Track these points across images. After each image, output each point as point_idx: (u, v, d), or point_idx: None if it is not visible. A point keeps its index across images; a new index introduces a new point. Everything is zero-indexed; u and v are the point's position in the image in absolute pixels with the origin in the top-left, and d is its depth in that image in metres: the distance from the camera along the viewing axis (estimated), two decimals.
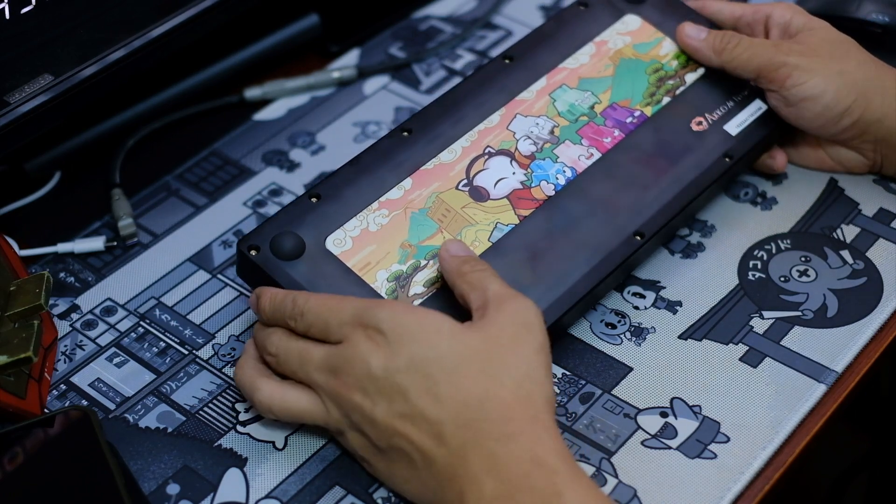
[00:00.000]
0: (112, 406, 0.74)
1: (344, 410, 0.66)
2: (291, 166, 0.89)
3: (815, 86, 0.79)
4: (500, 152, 0.78)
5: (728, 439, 0.71)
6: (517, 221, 0.76)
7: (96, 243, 0.83)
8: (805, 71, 0.80)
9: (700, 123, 0.82)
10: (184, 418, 0.73)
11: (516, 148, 0.79)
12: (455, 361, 0.64)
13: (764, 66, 0.81)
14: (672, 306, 0.78)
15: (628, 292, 0.79)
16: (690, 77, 0.84)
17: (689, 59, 0.85)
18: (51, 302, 0.80)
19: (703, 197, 0.80)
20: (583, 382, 0.74)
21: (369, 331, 0.65)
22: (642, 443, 0.71)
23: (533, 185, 0.77)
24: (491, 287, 0.68)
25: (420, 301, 0.72)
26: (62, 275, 0.82)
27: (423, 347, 0.64)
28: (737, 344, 0.76)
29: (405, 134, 0.78)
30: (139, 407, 0.74)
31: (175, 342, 0.77)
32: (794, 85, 0.80)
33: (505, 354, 0.65)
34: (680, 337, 0.77)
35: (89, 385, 0.75)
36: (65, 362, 0.77)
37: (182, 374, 0.76)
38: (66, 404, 0.74)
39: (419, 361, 0.64)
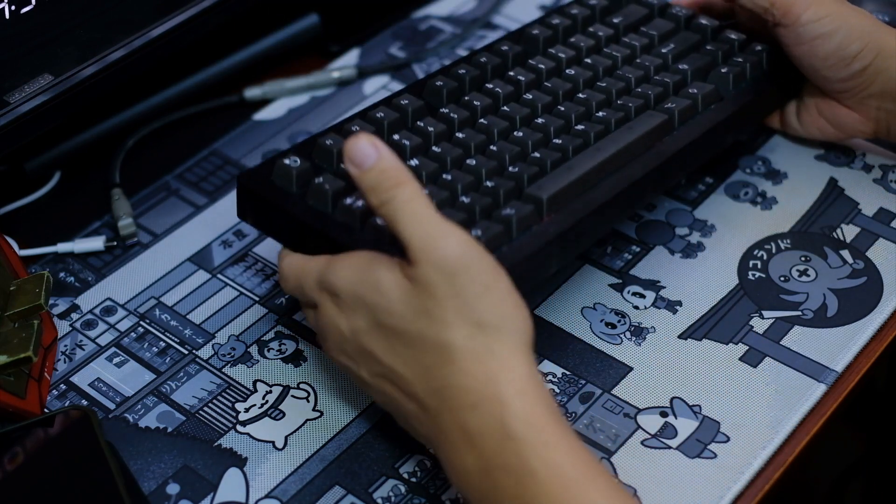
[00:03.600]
0: (112, 406, 0.74)
1: (342, 367, 0.68)
2: None
3: (830, 23, 0.79)
4: None
5: (728, 439, 0.71)
6: None
7: (96, 243, 0.83)
8: (821, 6, 0.79)
9: None
10: (184, 418, 0.73)
11: None
12: (402, 320, 0.62)
13: None
14: (672, 306, 0.78)
15: (628, 292, 0.79)
16: None
17: None
18: (51, 302, 0.80)
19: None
20: (583, 382, 0.74)
21: (332, 295, 0.66)
22: (642, 442, 0.71)
23: None
24: (405, 231, 0.62)
25: None
26: (62, 275, 0.82)
27: (371, 307, 0.63)
28: (737, 344, 0.76)
29: None
30: (139, 407, 0.74)
31: (175, 342, 0.77)
32: (810, 21, 0.79)
33: (445, 306, 0.61)
34: (680, 337, 0.77)
35: (89, 385, 0.75)
36: (65, 362, 0.77)
37: (182, 374, 0.76)
38: (66, 404, 0.74)
39: (374, 321, 0.64)
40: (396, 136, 0.75)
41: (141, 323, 0.79)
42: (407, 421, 0.66)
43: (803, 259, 0.81)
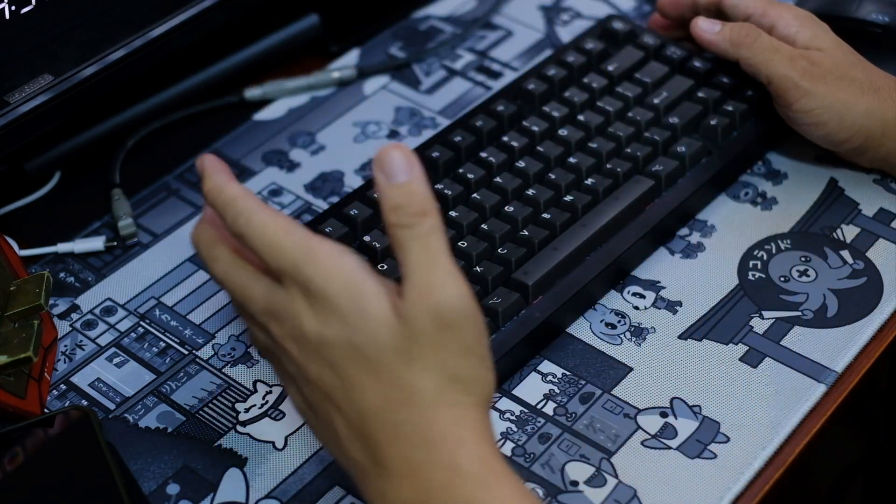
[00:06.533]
0: (112, 406, 0.74)
1: (282, 356, 0.63)
2: (291, 166, 0.89)
3: (821, 115, 0.81)
4: None
5: (728, 439, 0.71)
6: None
7: (96, 243, 0.83)
8: (813, 98, 0.80)
9: None
10: (184, 418, 0.73)
11: None
12: (377, 356, 0.59)
13: (776, 79, 0.81)
14: (672, 306, 0.78)
15: (628, 292, 0.79)
16: None
17: None
18: (51, 302, 0.80)
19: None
20: (583, 382, 0.74)
21: (304, 290, 0.60)
22: (642, 443, 0.71)
23: None
24: (408, 262, 0.59)
25: None
26: (62, 275, 0.82)
27: (347, 330, 0.59)
28: (737, 344, 0.76)
29: None
30: (139, 407, 0.74)
31: (175, 342, 0.77)
32: (801, 110, 0.81)
33: (426, 353, 0.59)
34: (680, 337, 0.77)
35: (89, 385, 0.75)
36: (65, 362, 0.77)
37: (182, 374, 0.76)
38: (66, 404, 0.74)
39: (345, 343, 0.59)
40: None
41: (141, 323, 0.79)
42: (334, 440, 0.61)
43: (803, 259, 0.81)
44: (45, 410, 0.73)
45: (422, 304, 0.58)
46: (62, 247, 0.83)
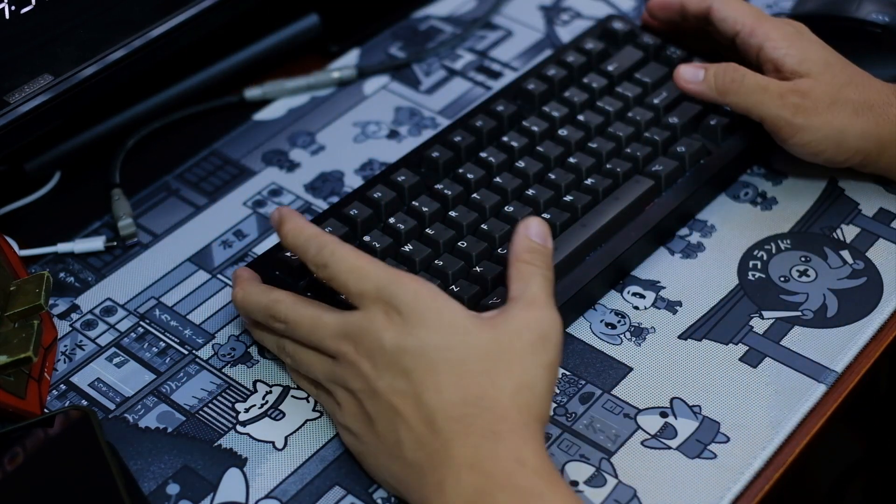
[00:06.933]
0: (112, 406, 0.74)
1: (348, 375, 0.67)
2: (291, 166, 0.89)
3: (817, 145, 0.80)
4: None
5: (728, 439, 0.71)
6: None
7: (96, 243, 0.83)
8: (808, 132, 0.80)
9: None
10: (184, 418, 0.73)
11: None
12: (462, 356, 0.65)
13: (768, 119, 0.81)
14: (672, 306, 0.78)
15: (628, 292, 0.79)
16: None
17: None
18: (51, 302, 0.80)
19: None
20: (583, 382, 0.74)
21: (388, 308, 0.66)
22: (642, 443, 0.71)
23: None
24: (532, 287, 0.68)
25: None
26: (62, 275, 0.82)
27: (434, 336, 0.65)
28: (737, 344, 0.76)
29: None
30: (139, 407, 0.74)
31: (175, 342, 0.77)
32: (797, 144, 0.81)
33: (512, 360, 0.66)
34: (680, 337, 0.77)
35: (89, 385, 0.75)
36: (65, 362, 0.77)
37: (182, 374, 0.76)
38: (66, 404, 0.74)
39: (428, 348, 0.65)
40: (392, 220, 0.78)
41: (141, 323, 0.79)
42: (390, 449, 0.66)
43: (803, 259, 0.81)
44: (45, 410, 0.73)
45: (527, 316, 0.66)
46: (62, 247, 0.83)
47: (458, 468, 0.63)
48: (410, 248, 0.77)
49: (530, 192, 0.80)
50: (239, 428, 0.73)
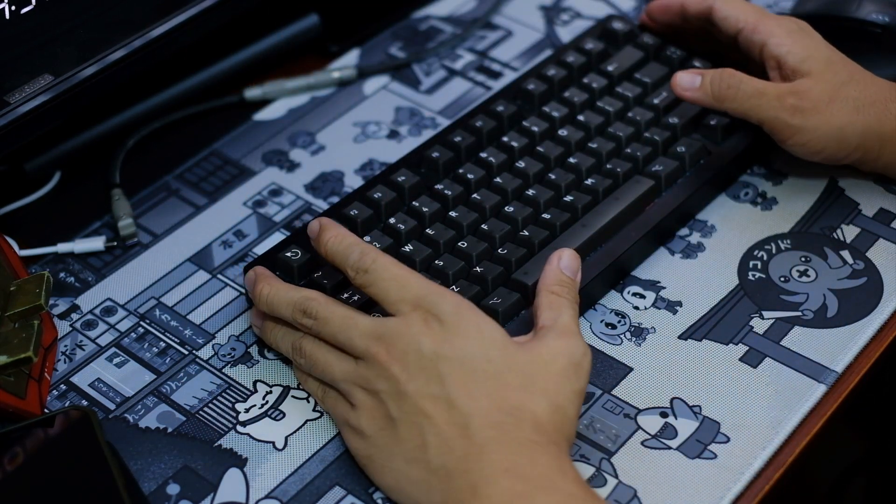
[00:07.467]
0: (112, 406, 0.74)
1: (374, 377, 0.67)
2: (291, 166, 0.89)
3: (816, 144, 0.80)
4: None
5: (728, 439, 0.71)
6: None
7: (96, 243, 0.83)
8: (807, 132, 0.80)
9: None
10: (184, 418, 0.73)
11: None
12: (500, 369, 0.66)
13: (767, 122, 0.81)
14: (672, 306, 0.78)
15: (628, 292, 0.79)
16: None
17: None
18: (51, 302, 0.80)
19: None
20: None
21: (428, 316, 0.67)
22: (642, 443, 0.71)
23: None
24: (563, 317, 0.69)
25: None
26: (62, 275, 0.82)
27: (474, 347, 0.66)
28: (737, 344, 0.76)
29: None
30: (139, 407, 0.74)
31: (175, 342, 0.77)
32: (797, 144, 0.81)
33: (547, 380, 0.67)
34: (680, 337, 0.77)
35: (89, 385, 0.75)
36: (65, 362, 0.77)
37: (182, 374, 0.76)
38: (66, 404, 0.74)
39: (467, 357, 0.66)
40: (392, 220, 0.78)
41: (141, 323, 0.79)
42: (413, 451, 0.66)
43: (803, 259, 0.81)
44: (45, 410, 0.73)
45: (560, 344, 0.68)
46: (62, 247, 0.83)
47: (494, 473, 0.63)
48: (411, 248, 0.77)
49: (530, 192, 0.80)
50: (239, 428, 0.73)
